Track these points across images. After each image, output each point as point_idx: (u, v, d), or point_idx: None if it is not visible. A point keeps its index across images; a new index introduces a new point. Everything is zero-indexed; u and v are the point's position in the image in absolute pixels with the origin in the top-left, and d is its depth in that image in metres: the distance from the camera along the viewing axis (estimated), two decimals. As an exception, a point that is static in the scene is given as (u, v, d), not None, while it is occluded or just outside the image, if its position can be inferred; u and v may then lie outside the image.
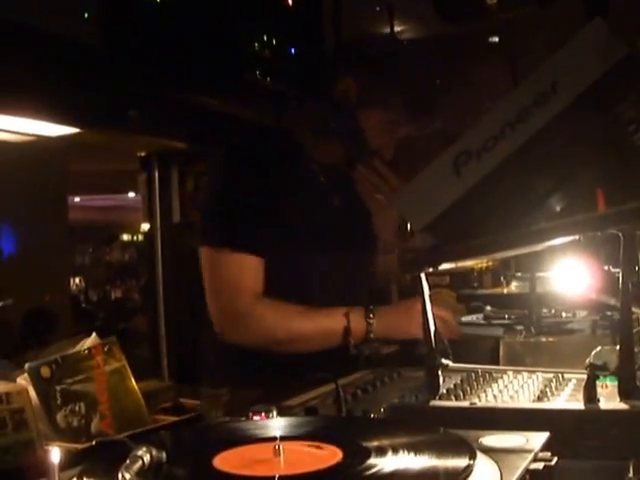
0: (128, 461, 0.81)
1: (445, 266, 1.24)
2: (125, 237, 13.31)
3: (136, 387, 2.47)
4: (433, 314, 1.27)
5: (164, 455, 0.85)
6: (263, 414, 1.10)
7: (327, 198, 1.97)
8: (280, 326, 1.84)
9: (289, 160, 1.93)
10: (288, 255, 1.87)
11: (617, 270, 1.66)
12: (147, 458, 0.83)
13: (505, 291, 3.14)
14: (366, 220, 2.08)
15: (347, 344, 1.80)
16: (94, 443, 0.87)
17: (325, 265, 1.93)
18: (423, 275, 1.17)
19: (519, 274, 3.00)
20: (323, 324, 1.84)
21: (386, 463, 0.86)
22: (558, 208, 1.31)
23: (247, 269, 1.84)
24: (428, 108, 1.94)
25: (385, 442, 0.92)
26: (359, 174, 1.93)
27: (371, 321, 1.79)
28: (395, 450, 0.89)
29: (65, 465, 0.89)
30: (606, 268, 1.75)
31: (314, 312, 1.85)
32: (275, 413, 1.11)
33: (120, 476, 0.78)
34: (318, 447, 0.92)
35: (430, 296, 1.20)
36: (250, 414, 1.11)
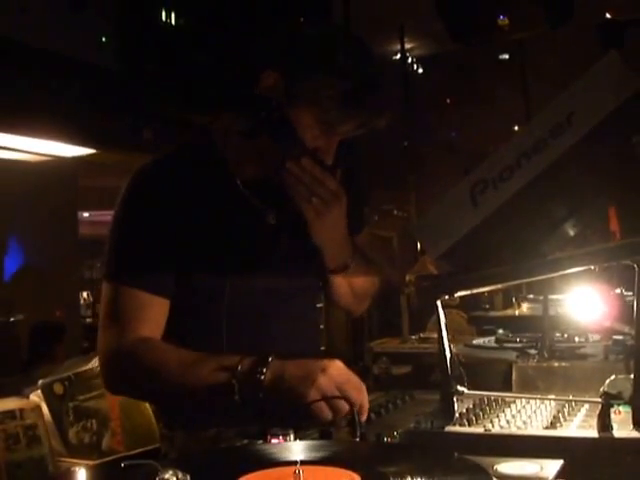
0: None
1: (461, 293, 1.26)
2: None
3: (147, 404, 2.48)
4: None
5: (188, 478, 0.87)
6: (281, 437, 1.11)
7: (258, 217, 1.70)
8: (155, 373, 1.54)
9: (205, 179, 1.68)
10: (214, 288, 1.64)
11: (629, 293, 1.68)
12: (172, 481, 0.85)
13: (517, 313, 3.15)
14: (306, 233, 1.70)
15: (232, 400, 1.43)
16: (122, 465, 0.88)
17: (263, 295, 1.68)
18: (439, 302, 1.19)
19: (531, 296, 3.01)
20: (204, 379, 1.48)
21: (404, 489, 0.87)
22: (572, 233, 1.32)
23: (142, 307, 1.62)
24: (368, 103, 1.59)
25: (402, 468, 0.93)
26: (290, 175, 1.60)
27: (262, 377, 1.41)
28: (412, 476, 0.90)
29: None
30: (618, 291, 1.77)
31: (200, 362, 1.51)
32: (292, 436, 1.13)
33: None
34: (337, 472, 0.94)
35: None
36: (268, 437, 1.13)
